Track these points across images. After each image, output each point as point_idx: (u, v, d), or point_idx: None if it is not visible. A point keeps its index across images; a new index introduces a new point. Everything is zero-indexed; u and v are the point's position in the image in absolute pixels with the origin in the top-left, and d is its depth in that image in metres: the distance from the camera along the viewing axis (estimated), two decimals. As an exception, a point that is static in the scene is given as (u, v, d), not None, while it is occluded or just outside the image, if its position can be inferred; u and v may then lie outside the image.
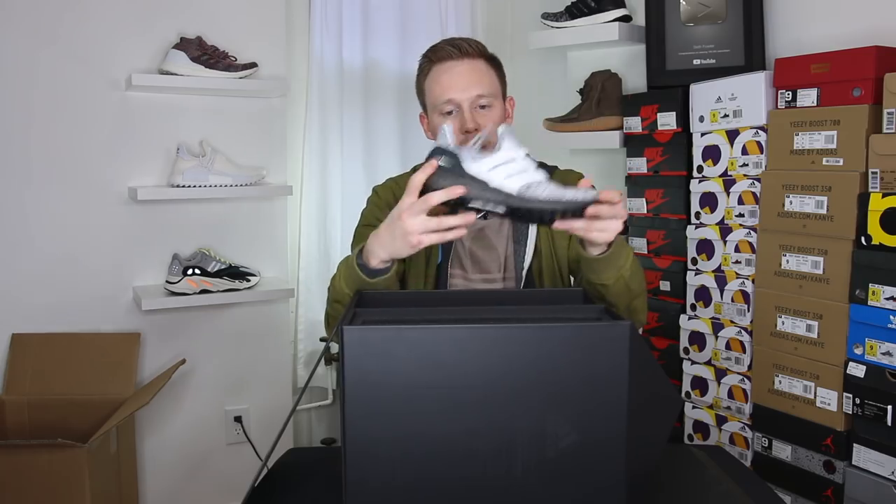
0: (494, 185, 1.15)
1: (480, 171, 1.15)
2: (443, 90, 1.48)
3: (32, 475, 1.77)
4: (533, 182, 1.15)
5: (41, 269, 2.20)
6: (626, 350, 0.90)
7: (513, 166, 1.16)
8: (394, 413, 0.89)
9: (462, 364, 0.89)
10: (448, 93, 1.48)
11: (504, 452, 0.90)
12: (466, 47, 1.49)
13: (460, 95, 1.47)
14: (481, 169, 1.16)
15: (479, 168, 1.16)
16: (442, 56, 1.50)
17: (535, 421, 0.90)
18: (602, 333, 0.92)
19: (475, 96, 1.48)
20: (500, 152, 1.17)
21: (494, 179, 1.15)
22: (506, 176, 1.15)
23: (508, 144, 1.17)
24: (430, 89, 1.52)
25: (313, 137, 2.63)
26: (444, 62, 1.49)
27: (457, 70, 1.48)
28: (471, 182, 1.15)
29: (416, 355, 0.89)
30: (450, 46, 1.49)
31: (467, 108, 1.47)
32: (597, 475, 0.91)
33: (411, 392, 0.89)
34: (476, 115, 1.48)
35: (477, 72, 1.49)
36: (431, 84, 1.51)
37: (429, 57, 1.53)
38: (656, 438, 1.03)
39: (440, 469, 0.90)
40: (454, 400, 0.89)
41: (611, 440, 0.90)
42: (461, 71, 1.48)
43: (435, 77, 1.50)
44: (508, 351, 0.90)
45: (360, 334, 0.89)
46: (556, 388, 0.90)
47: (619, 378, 0.90)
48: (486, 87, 1.49)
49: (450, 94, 1.48)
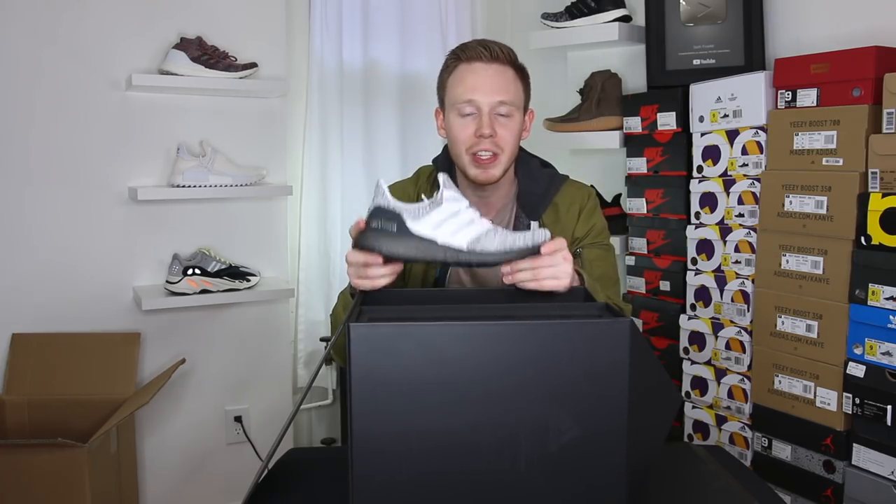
0: (442, 243, 1.10)
1: (425, 231, 1.10)
2: (465, 90, 1.45)
3: (32, 475, 1.77)
4: (481, 233, 1.12)
5: (41, 269, 2.20)
6: (627, 346, 0.91)
7: (459, 220, 1.11)
8: (399, 408, 0.90)
9: (466, 360, 0.90)
10: (470, 93, 1.45)
11: (507, 447, 0.91)
12: (498, 52, 1.46)
13: (482, 98, 1.44)
14: (426, 228, 1.10)
15: (424, 228, 1.10)
16: (472, 56, 1.46)
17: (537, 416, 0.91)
18: (603, 330, 0.92)
19: (497, 102, 1.45)
20: (443, 206, 1.11)
21: (441, 237, 1.10)
22: (452, 232, 1.11)
23: (450, 195, 1.12)
24: (451, 87, 1.48)
25: (313, 137, 2.63)
26: (473, 62, 1.46)
27: (484, 73, 1.45)
28: (418, 242, 1.10)
29: (421, 351, 0.89)
30: (481, 48, 1.46)
31: (487, 112, 1.45)
32: (598, 469, 0.92)
33: (416, 388, 0.90)
34: (494, 121, 1.45)
35: (504, 78, 1.46)
36: (455, 82, 1.48)
37: (457, 54, 1.49)
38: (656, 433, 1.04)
39: (444, 463, 0.91)
40: (458, 395, 0.90)
41: (612, 435, 0.91)
42: (488, 74, 1.45)
43: (460, 76, 1.47)
44: (511, 347, 0.90)
45: (366, 331, 0.89)
46: (558, 383, 0.91)
47: (619, 374, 0.91)
48: (511, 96, 1.46)
49: (472, 95, 1.45)
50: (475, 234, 1.11)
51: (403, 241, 1.10)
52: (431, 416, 0.90)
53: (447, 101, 1.51)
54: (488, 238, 1.12)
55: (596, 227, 1.57)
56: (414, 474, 0.91)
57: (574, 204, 1.56)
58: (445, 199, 1.11)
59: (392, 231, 1.10)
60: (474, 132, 1.45)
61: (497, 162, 1.47)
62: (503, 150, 1.47)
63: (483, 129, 1.44)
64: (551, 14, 2.54)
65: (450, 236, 1.10)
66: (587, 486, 0.92)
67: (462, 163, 1.49)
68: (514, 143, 1.49)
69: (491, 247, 1.12)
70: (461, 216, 1.12)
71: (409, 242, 1.10)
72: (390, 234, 1.10)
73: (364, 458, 0.90)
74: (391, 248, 1.10)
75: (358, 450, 0.90)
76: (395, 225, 1.10)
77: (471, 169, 1.48)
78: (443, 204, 1.11)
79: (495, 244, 1.12)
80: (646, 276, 2.34)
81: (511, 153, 1.49)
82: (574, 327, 0.93)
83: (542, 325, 0.92)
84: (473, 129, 1.45)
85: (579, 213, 1.56)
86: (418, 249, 1.10)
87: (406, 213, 1.11)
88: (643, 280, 2.34)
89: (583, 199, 1.57)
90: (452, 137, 1.50)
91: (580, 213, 1.56)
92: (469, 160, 1.48)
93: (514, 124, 1.48)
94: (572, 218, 1.55)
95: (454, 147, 1.50)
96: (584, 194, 1.59)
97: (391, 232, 1.10)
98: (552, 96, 2.76)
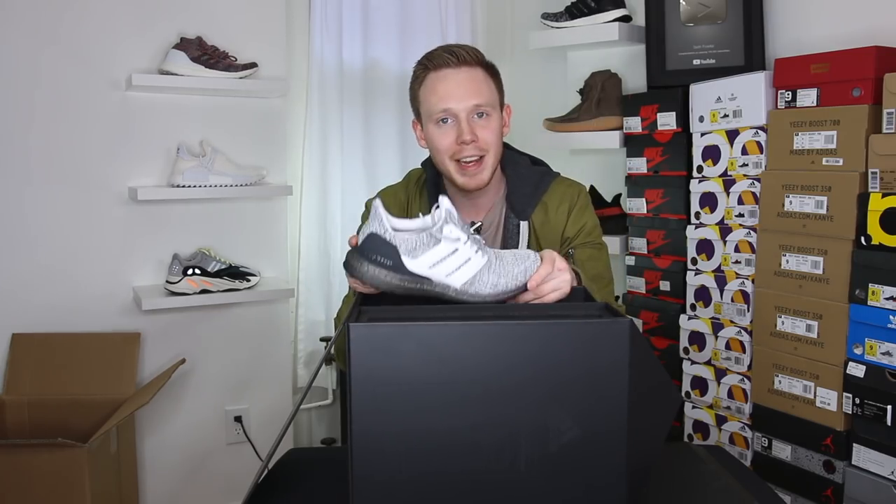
0: (437, 282, 1.08)
1: (421, 270, 1.07)
2: (439, 99, 1.44)
3: (32, 475, 1.77)
4: (476, 274, 1.09)
5: (41, 269, 2.20)
6: (627, 346, 0.90)
7: (456, 259, 1.08)
8: (399, 408, 0.90)
9: (466, 360, 0.90)
10: (445, 102, 1.43)
11: (507, 447, 0.91)
12: (464, 55, 1.44)
13: (457, 105, 1.43)
14: (422, 268, 1.07)
15: (420, 266, 1.07)
16: (439, 63, 1.44)
17: (537, 416, 0.91)
18: (603, 330, 0.92)
19: (473, 106, 1.43)
20: (441, 244, 1.07)
21: (436, 276, 1.08)
22: (447, 273, 1.08)
23: (449, 231, 1.08)
24: (425, 98, 1.47)
25: (313, 137, 2.63)
26: (441, 70, 1.44)
27: (454, 79, 1.43)
28: (413, 279, 1.08)
29: (420, 351, 0.89)
30: (447, 54, 1.44)
31: (465, 118, 1.43)
32: (598, 469, 0.92)
33: (416, 388, 0.90)
34: (474, 125, 1.44)
35: (475, 81, 1.44)
36: (427, 92, 1.46)
37: (424, 64, 1.47)
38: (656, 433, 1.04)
39: (444, 463, 0.91)
40: (458, 395, 0.90)
41: (612, 434, 0.91)
42: (459, 80, 1.43)
43: (431, 86, 1.45)
44: (511, 347, 0.90)
45: (366, 331, 0.89)
46: (558, 383, 0.91)
47: (619, 374, 0.91)
48: (485, 97, 1.45)
49: (447, 104, 1.43)
50: (471, 275, 1.09)
51: (398, 276, 1.08)
52: (431, 416, 0.90)
53: (423, 113, 1.49)
54: (483, 280, 1.10)
55: (587, 226, 1.55)
56: (414, 474, 0.91)
57: (563, 203, 1.54)
58: (444, 237, 1.08)
59: (388, 265, 1.07)
60: (455, 139, 1.44)
61: (483, 165, 1.47)
62: (487, 150, 1.46)
63: (464, 136, 1.43)
64: (551, 14, 2.54)
65: (444, 277, 1.08)
66: (587, 486, 0.92)
67: (447, 171, 1.49)
68: (497, 142, 1.49)
69: (484, 290, 1.10)
70: (458, 255, 1.09)
71: (403, 276, 1.08)
72: (386, 268, 1.07)
73: (364, 458, 0.90)
74: (386, 281, 1.08)
75: (358, 450, 0.90)
76: (391, 261, 1.08)
77: (458, 177, 1.47)
78: (441, 242, 1.08)
79: (489, 287, 1.10)
80: (646, 276, 2.34)
81: (496, 153, 1.49)
82: (574, 327, 0.93)
83: (542, 325, 0.92)
84: (454, 136, 1.44)
85: (569, 212, 1.54)
86: (413, 282, 1.08)
87: (402, 248, 1.08)
88: (643, 280, 2.34)
89: (572, 197, 1.55)
90: (434, 147, 1.48)
91: (570, 211, 1.54)
92: (455, 168, 1.47)
93: (494, 123, 1.47)
94: (562, 217, 1.54)
95: (437, 156, 1.49)
96: (573, 192, 1.57)
97: (387, 266, 1.07)
98: (552, 96, 2.76)
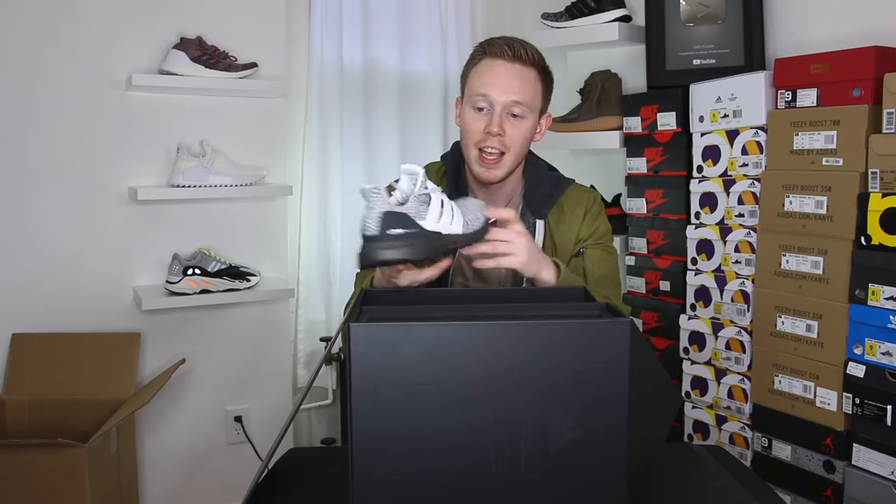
0: (446, 233, 1.13)
1: (433, 226, 1.12)
2: (482, 84, 1.46)
3: (32, 475, 1.77)
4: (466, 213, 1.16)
5: (41, 269, 2.20)
6: (627, 346, 0.91)
7: (446, 210, 1.14)
8: (399, 408, 0.90)
9: (467, 360, 0.90)
10: (486, 88, 1.45)
11: (508, 446, 0.91)
12: (521, 52, 1.46)
13: (497, 96, 1.45)
14: (432, 224, 1.12)
15: (430, 224, 1.12)
16: (495, 52, 1.46)
17: (537, 415, 0.91)
18: (603, 330, 0.92)
19: (511, 101, 1.45)
20: (433, 201, 1.12)
21: (444, 229, 1.13)
22: (448, 222, 1.13)
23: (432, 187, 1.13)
24: (472, 79, 1.49)
25: (313, 137, 2.63)
26: (496, 59, 1.46)
27: (504, 71, 1.45)
28: (435, 237, 1.12)
29: (421, 351, 0.89)
30: (505, 45, 1.46)
31: (499, 110, 1.45)
32: (598, 468, 0.92)
33: (417, 387, 0.90)
34: (505, 121, 1.46)
35: (522, 79, 1.46)
36: (475, 75, 1.49)
37: (483, 48, 1.49)
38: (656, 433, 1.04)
39: (445, 463, 0.91)
40: (459, 395, 0.90)
41: (612, 434, 0.91)
42: (507, 73, 1.45)
43: (480, 70, 1.48)
44: (512, 347, 0.90)
45: (366, 331, 0.89)
46: (558, 383, 0.91)
47: (619, 373, 0.91)
48: (526, 97, 1.46)
49: (487, 91, 1.45)
50: (463, 219, 1.15)
51: (425, 240, 1.10)
52: (432, 416, 0.90)
53: (466, 93, 1.52)
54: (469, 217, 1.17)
55: (600, 230, 1.58)
56: (414, 474, 0.91)
57: (579, 206, 1.58)
58: (431, 191, 1.12)
59: (413, 234, 1.09)
60: (484, 128, 1.46)
61: (501, 162, 1.48)
62: (510, 149, 1.47)
63: (492, 127, 1.45)
64: (551, 14, 2.54)
65: (448, 227, 1.13)
66: (587, 485, 0.92)
67: (469, 156, 1.51)
68: (523, 144, 1.50)
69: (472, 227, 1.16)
70: (446, 205, 1.14)
71: (426, 237, 1.11)
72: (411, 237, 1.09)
73: (364, 457, 0.90)
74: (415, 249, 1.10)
75: (358, 450, 0.90)
76: (414, 228, 1.10)
77: (475, 166, 1.49)
78: (431, 198, 1.12)
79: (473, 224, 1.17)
80: (646, 276, 2.34)
81: (517, 154, 1.50)
82: (574, 327, 0.93)
83: (542, 325, 0.92)
84: (484, 124, 1.46)
85: (584, 215, 1.57)
86: (435, 241, 1.12)
87: (411, 214, 1.11)
88: (643, 280, 2.34)
89: (588, 202, 1.59)
90: (464, 129, 1.51)
91: (585, 214, 1.57)
92: (476, 155, 1.49)
93: (526, 126, 1.48)
94: (577, 219, 1.56)
95: (464, 138, 1.52)
96: (589, 197, 1.61)
97: (412, 235, 1.09)
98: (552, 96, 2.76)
